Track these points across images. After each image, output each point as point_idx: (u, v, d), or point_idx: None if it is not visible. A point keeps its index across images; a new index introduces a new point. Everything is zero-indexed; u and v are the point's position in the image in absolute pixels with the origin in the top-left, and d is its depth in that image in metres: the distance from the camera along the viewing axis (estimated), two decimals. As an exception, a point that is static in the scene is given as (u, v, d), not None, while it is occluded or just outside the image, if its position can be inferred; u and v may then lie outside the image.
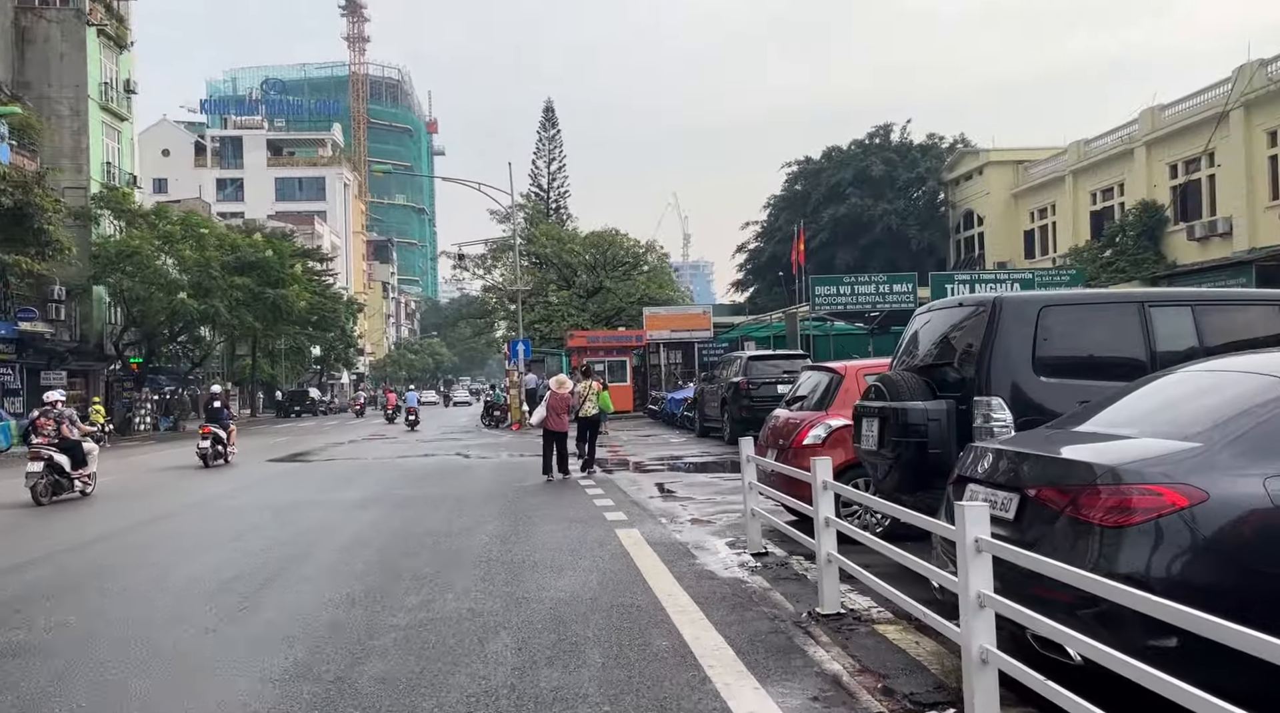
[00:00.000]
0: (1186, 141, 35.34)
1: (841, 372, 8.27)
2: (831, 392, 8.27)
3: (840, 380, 8.22)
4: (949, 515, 4.84)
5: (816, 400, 8.45)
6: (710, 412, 21.77)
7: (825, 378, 8.52)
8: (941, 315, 6.76)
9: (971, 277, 23.03)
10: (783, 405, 9.28)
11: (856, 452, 7.09)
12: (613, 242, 42.77)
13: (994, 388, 5.90)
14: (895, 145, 54.66)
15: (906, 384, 6.35)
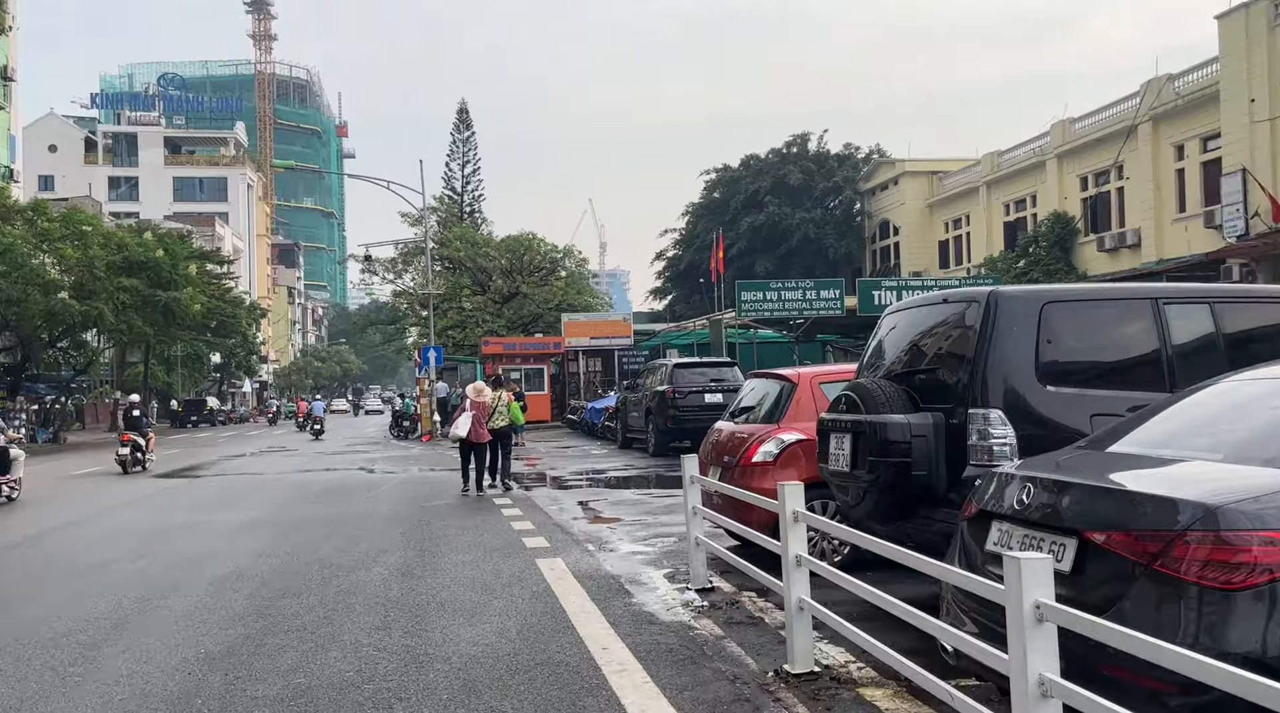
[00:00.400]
0: (1096, 154, 35.89)
1: (794, 380, 7.29)
2: (783, 402, 7.29)
3: (793, 390, 7.24)
4: (965, 559, 3.85)
5: (766, 412, 7.46)
6: (634, 422, 20.72)
7: (775, 387, 7.52)
8: (919, 314, 5.82)
9: (899, 282, 22.58)
10: (726, 418, 8.25)
11: (821, 472, 6.09)
12: (530, 246, 41.48)
13: (991, 399, 4.96)
14: (813, 154, 54.74)
15: (884, 394, 5.38)
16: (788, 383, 7.37)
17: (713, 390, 18.39)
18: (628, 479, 15.48)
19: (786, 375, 7.46)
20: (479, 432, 14.54)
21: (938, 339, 5.50)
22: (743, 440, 7.34)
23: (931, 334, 5.56)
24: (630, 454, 19.88)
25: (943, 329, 5.47)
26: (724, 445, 7.70)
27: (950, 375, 5.28)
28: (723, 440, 7.81)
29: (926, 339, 5.62)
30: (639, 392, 20.46)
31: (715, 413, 18.69)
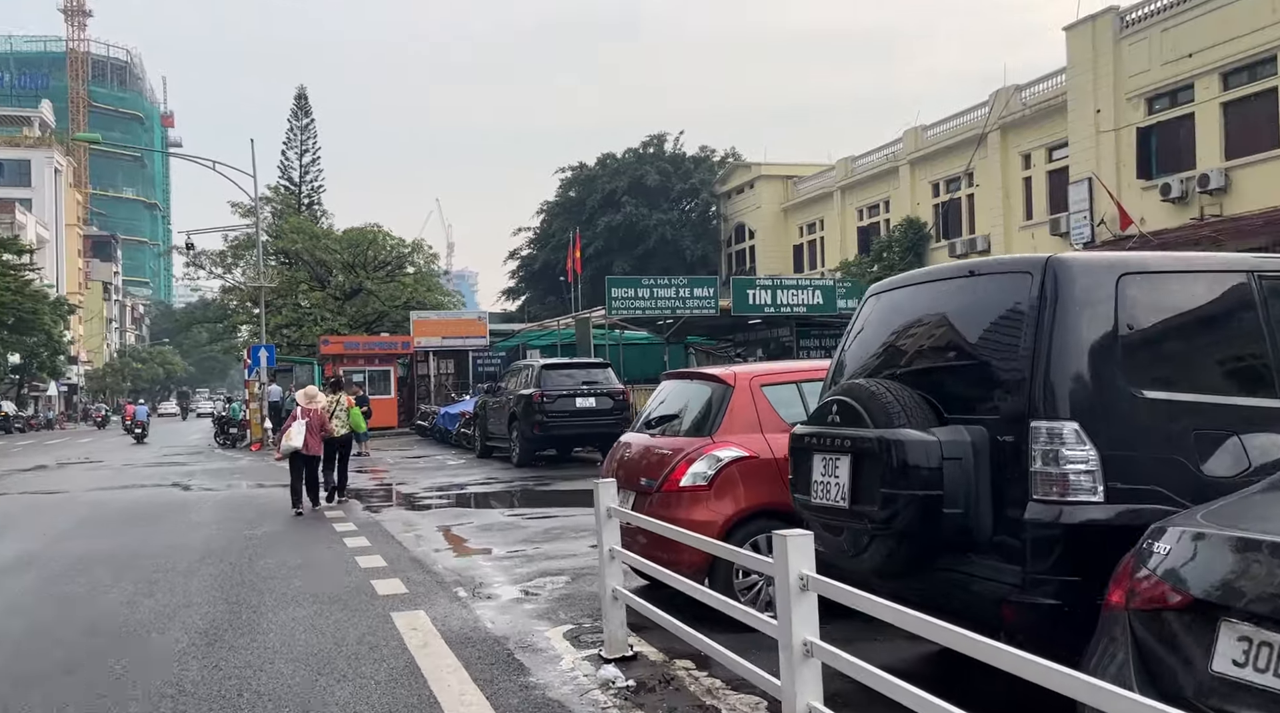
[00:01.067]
0: (948, 161, 36.42)
1: (729, 381, 5.69)
2: (715, 410, 5.68)
3: (729, 393, 5.65)
4: (1146, 674, 2.31)
5: (693, 422, 5.82)
6: (495, 429, 18.75)
7: (703, 391, 5.89)
8: (932, 293, 4.29)
9: (775, 281, 21.61)
10: (637, 429, 6.54)
11: (798, 508, 4.50)
12: (374, 240, 38.54)
13: (1060, 407, 3.50)
14: (669, 156, 53.94)
15: (899, 402, 3.84)
16: (720, 385, 5.76)
17: (585, 394, 16.69)
18: (494, 496, 13.56)
19: (719, 376, 5.86)
20: (313, 442, 12.29)
21: (968, 326, 4.00)
22: (665, 459, 5.69)
23: (957, 320, 4.05)
24: (492, 465, 17.91)
25: (975, 313, 3.97)
26: (638, 465, 6.02)
27: (993, 376, 3.79)
28: (635, 458, 6.12)
29: (947, 327, 4.11)
30: (500, 396, 18.52)
31: (589, 419, 17.11)
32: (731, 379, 5.74)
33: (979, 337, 3.94)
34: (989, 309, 3.92)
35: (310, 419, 12.82)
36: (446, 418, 23.43)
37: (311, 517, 11.75)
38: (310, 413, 13.00)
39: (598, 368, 17.45)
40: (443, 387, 32.85)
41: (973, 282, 4.06)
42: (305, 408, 13.12)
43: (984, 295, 3.96)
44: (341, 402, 14.71)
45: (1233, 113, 24.17)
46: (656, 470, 5.72)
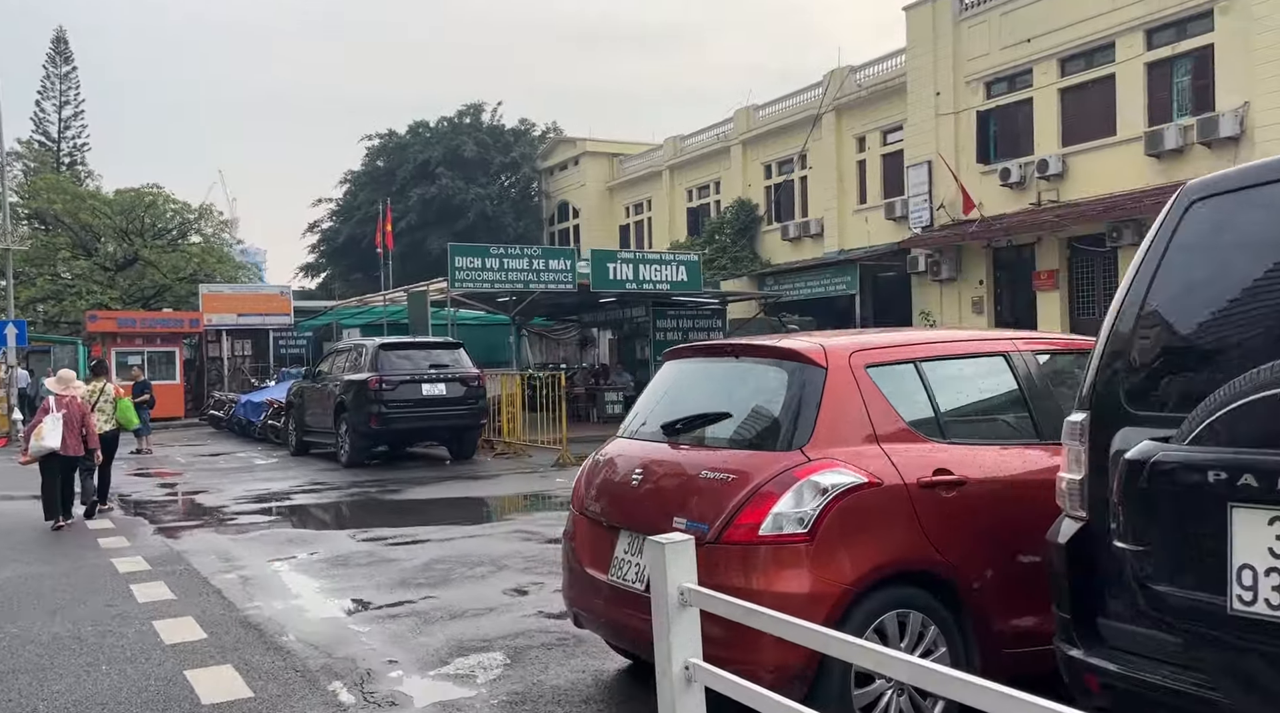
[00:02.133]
0: (781, 142, 35.66)
1: (818, 359, 3.45)
2: (801, 406, 3.40)
3: (818, 379, 3.41)
4: None
5: (761, 427, 3.49)
6: (315, 422, 15.61)
7: (769, 376, 3.54)
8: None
9: (637, 255, 19.54)
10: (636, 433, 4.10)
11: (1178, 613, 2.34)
12: (152, 204, 33.18)
13: None
14: (487, 127, 50.72)
15: None
16: (802, 366, 3.48)
17: (432, 380, 13.96)
18: (331, 510, 10.69)
19: (799, 351, 3.54)
20: (72, 441, 10.03)
21: None
22: (720, 489, 3.39)
23: None
24: (313, 465, 14.80)
25: None
26: (657, 496, 3.67)
27: None
28: (648, 484, 3.74)
29: None
30: (322, 382, 15.41)
31: (438, 410, 14.38)
32: (821, 356, 3.52)
33: None
34: None
35: (68, 411, 10.07)
36: (248, 408, 19.80)
37: (79, 544, 8.53)
38: (67, 403, 9.88)
39: (446, 349, 14.74)
40: (239, 372, 28.59)
41: None
42: (60, 397, 9.96)
43: None
44: (107, 391, 11.50)
45: (1070, 99, 24.36)
46: (705, 508, 3.43)
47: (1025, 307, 25.70)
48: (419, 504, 10.67)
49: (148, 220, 33.39)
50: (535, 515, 9.28)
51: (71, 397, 10.68)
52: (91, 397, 11.68)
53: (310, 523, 9.74)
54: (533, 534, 8.17)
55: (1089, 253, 23.79)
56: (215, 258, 33.87)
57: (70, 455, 10.33)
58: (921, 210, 28.23)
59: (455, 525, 8.95)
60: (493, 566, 6.89)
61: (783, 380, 3.55)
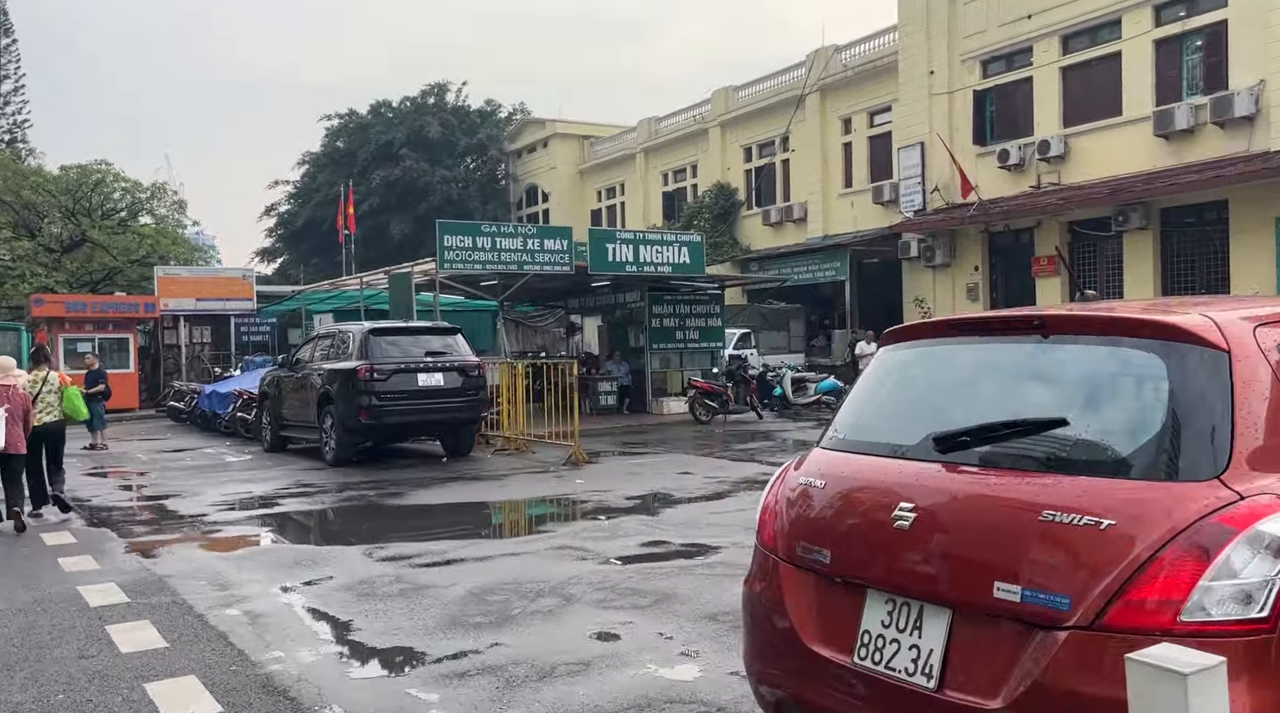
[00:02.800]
0: (762, 124, 34.52)
1: (1216, 339, 2.26)
2: (1201, 410, 2.20)
3: (1219, 367, 2.19)
4: None
5: (1143, 442, 2.23)
6: (294, 415, 14.11)
7: (1137, 363, 2.30)
8: None
9: (637, 236, 18.18)
10: (893, 446, 2.83)
11: None
12: (101, 182, 30.96)
13: None
14: (452, 108, 48.89)
15: None
16: (1194, 348, 2.24)
17: (430, 369, 12.54)
18: (329, 519, 9.29)
19: (1184, 327, 2.29)
20: (15, 436, 8.88)
21: None
22: (1082, 539, 2.16)
23: None
24: (295, 463, 13.32)
25: None
26: (952, 543, 2.43)
27: None
28: (939, 525, 2.46)
29: None
30: (302, 371, 13.91)
31: (435, 402, 12.99)
32: (1214, 332, 2.30)
33: None
34: None
35: (10, 404, 8.94)
36: (213, 399, 18.15)
37: (34, 565, 7.07)
38: (9, 395, 8.98)
39: (442, 335, 13.31)
40: (198, 360, 26.76)
41: None
42: (1, 388, 8.88)
43: None
44: (51, 380, 10.28)
45: (1073, 78, 23.52)
46: (1059, 570, 2.19)
47: (1022, 293, 24.88)
48: (430, 511, 9.33)
49: (95, 199, 31.21)
50: (575, 528, 7.99)
51: (12, 387, 9.17)
52: (33, 387, 10.14)
53: (310, 536, 8.35)
54: (585, 552, 6.91)
55: (1092, 237, 23.04)
56: (169, 240, 31.79)
57: (11, 453, 8.90)
58: (914, 194, 27.29)
59: (486, 540, 7.65)
60: (558, 597, 5.63)
61: (1153, 370, 2.34)
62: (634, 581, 5.88)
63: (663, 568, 6.25)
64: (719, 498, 9.19)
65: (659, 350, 19.76)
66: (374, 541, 7.74)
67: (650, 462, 12.18)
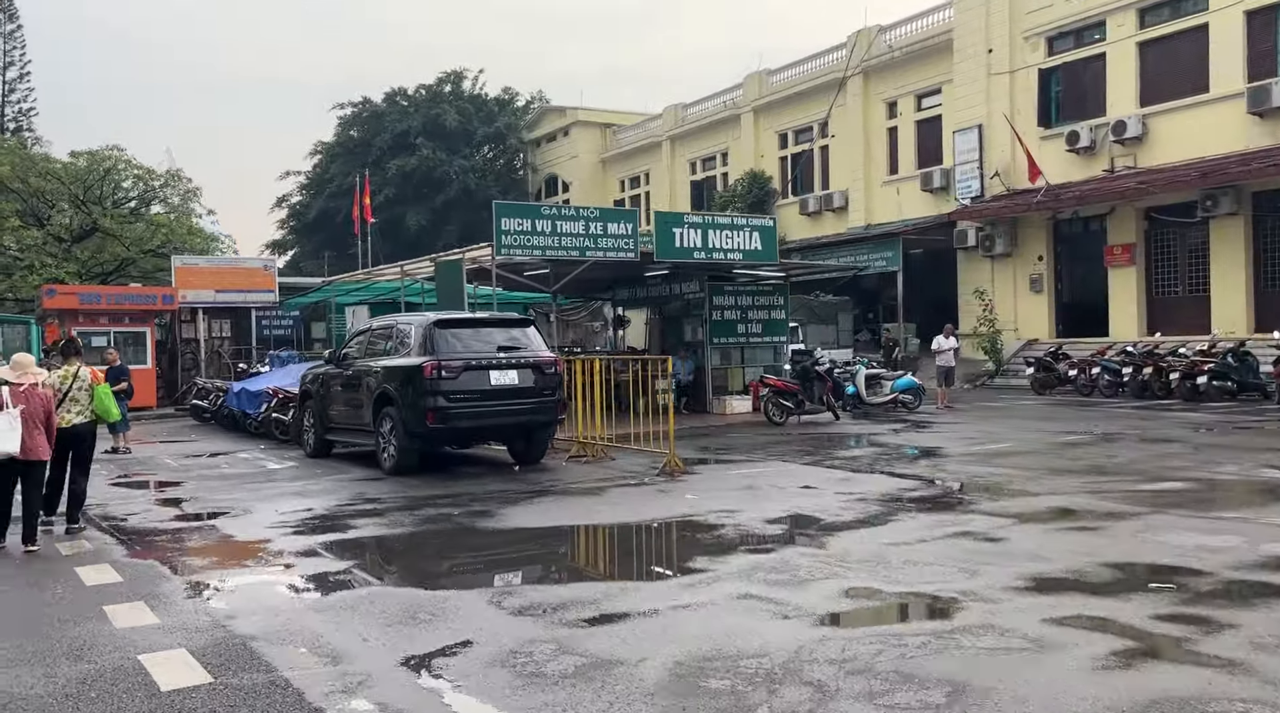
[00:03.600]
0: (799, 109, 32.95)
1: None
2: None
3: None
4: None
5: None
6: (343, 418, 12.55)
7: None
8: None
9: (706, 219, 16.56)
10: None
11: None
12: (112, 168, 29.28)
13: None
14: (468, 96, 47.26)
15: None
16: None
17: (503, 365, 10.99)
18: (428, 550, 7.73)
19: None
20: (36, 442, 7.69)
21: None
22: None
23: None
24: (346, 471, 11.77)
25: None
26: None
27: None
28: None
29: None
30: (352, 368, 12.36)
31: (510, 403, 11.25)
32: None
33: None
34: None
35: (29, 405, 7.71)
36: (243, 398, 16.59)
37: (74, 614, 5.52)
38: (26, 394, 7.73)
39: (514, 327, 11.71)
40: (216, 355, 25.21)
41: None
42: (16, 387, 7.73)
43: None
44: (82, 376, 8.82)
45: (1151, 53, 21.96)
46: None
47: (1092, 284, 23.35)
48: (538, 538, 7.80)
49: (106, 188, 29.56)
50: (735, 565, 6.37)
51: (31, 386, 7.81)
52: (63, 383, 8.64)
53: (411, 575, 6.77)
54: (779, 605, 5.35)
55: (1171, 225, 21.49)
56: (185, 229, 30.15)
57: (32, 460, 7.66)
58: (970, 179, 25.73)
59: (638, 583, 6.11)
60: (802, 684, 4.08)
61: None
62: (888, 658, 4.35)
63: (909, 636, 4.71)
64: (880, 523, 7.66)
65: (719, 345, 18.22)
66: (493, 582, 6.20)
67: (756, 472, 10.63)
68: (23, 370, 7.92)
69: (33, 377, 7.95)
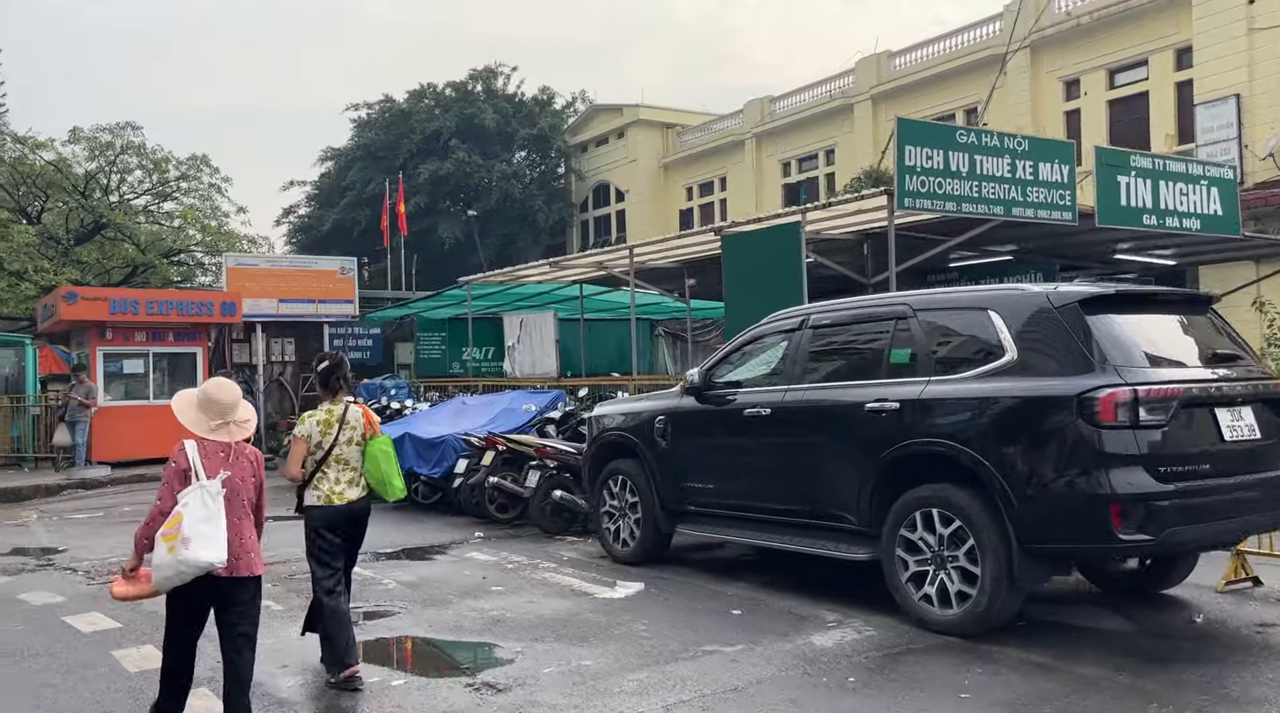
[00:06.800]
0: (936, 93, 27.55)
1: None
2: None
3: None
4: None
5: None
6: (734, 492, 6.23)
7: None
8: None
9: (1156, 167, 10.65)
10: None
11: None
12: (126, 147, 22.22)
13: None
14: (503, 94, 41.00)
15: None
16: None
17: (1234, 398, 4.88)
18: None
19: None
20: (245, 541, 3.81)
21: None
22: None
23: None
24: (754, 607, 5.59)
25: None
26: None
27: None
28: None
29: None
30: (757, 398, 6.15)
31: (1259, 477, 5.23)
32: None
33: None
34: None
35: (234, 471, 3.83)
36: (417, 451, 10.08)
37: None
38: (230, 458, 3.83)
39: (1195, 310, 5.62)
40: (278, 385, 18.50)
41: None
42: (214, 448, 3.80)
43: None
44: (353, 420, 4.88)
45: None
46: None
47: None
48: None
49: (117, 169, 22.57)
50: None
51: (240, 444, 3.91)
52: (324, 433, 4.75)
53: None
54: None
55: None
56: (215, 229, 23.26)
57: (242, 577, 3.82)
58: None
59: None
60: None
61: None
62: None
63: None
64: None
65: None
66: None
67: None
68: (225, 414, 3.88)
69: (242, 428, 3.90)
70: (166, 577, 3.65)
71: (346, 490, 4.79)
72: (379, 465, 4.82)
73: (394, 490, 4.92)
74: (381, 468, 4.82)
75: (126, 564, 3.89)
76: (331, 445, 4.76)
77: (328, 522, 4.75)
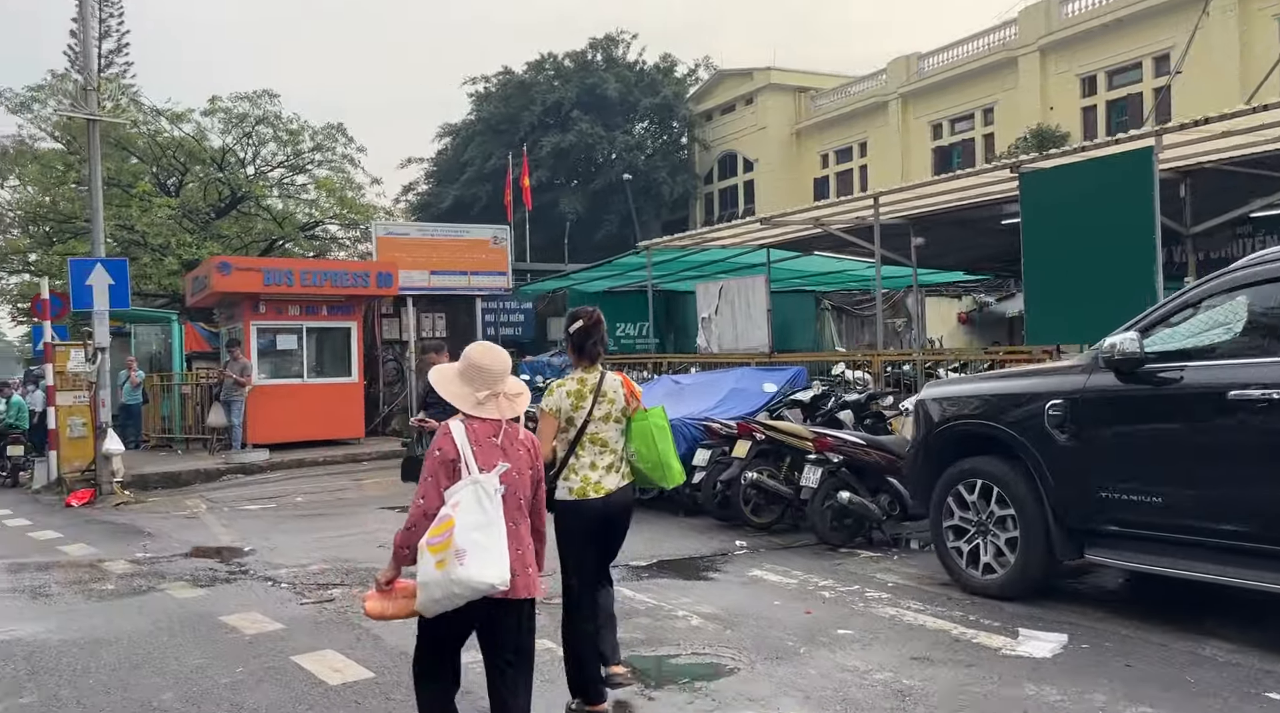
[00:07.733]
0: (1122, 39, 24.51)
1: None
2: None
3: None
4: None
5: None
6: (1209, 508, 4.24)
7: None
8: None
9: None
10: None
11: None
12: (263, 118, 21.37)
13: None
14: (625, 63, 39.20)
15: None
16: None
17: None
18: None
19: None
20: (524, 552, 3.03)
21: None
22: None
23: None
24: None
25: None
26: None
27: None
28: None
29: None
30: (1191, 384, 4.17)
31: None
32: None
33: None
34: None
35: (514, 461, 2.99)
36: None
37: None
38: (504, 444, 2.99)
39: None
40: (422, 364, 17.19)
41: None
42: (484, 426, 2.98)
43: None
44: (612, 392, 3.82)
45: None
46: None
47: None
48: None
49: (255, 137, 21.66)
50: None
51: (512, 424, 3.03)
52: (575, 406, 3.74)
53: None
54: None
55: None
56: (352, 201, 22.21)
57: (519, 599, 2.98)
58: None
59: None
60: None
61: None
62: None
63: None
64: None
65: None
66: None
67: None
68: (493, 384, 3.05)
69: (513, 403, 3.08)
70: (435, 598, 2.81)
71: (604, 479, 3.75)
72: (653, 445, 3.79)
73: (673, 475, 3.92)
74: (658, 447, 3.80)
75: (381, 576, 3.09)
76: (585, 422, 3.75)
77: (585, 522, 3.70)
